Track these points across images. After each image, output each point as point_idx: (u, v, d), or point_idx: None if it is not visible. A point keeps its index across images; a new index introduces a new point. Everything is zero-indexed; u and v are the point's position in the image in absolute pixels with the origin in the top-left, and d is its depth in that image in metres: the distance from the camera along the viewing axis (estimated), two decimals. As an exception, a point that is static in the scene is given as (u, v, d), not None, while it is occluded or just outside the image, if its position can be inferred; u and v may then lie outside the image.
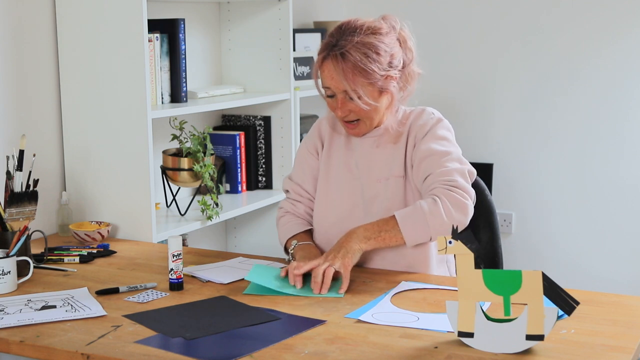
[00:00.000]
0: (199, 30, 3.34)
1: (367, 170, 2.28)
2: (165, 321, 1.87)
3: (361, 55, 2.13)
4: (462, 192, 2.13)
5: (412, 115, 2.28)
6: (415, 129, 2.24)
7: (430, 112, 2.27)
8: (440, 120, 2.25)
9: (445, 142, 2.21)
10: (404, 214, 2.12)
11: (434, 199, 2.11)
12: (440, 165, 2.17)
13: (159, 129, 2.93)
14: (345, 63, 2.13)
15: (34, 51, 2.69)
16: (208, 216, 2.94)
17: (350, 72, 2.13)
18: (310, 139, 2.39)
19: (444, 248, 1.70)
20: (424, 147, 2.20)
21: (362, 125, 2.24)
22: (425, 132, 2.22)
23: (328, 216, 2.30)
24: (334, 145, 2.34)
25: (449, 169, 2.15)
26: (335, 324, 1.84)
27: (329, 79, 2.18)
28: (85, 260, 2.39)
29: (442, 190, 2.12)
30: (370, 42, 2.15)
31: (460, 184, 2.14)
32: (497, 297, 1.66)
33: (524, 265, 3.89)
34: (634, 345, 1.71)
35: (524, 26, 3.94)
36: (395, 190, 2.24)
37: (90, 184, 2.77)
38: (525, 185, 4.03)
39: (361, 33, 2.15)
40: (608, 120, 3.83)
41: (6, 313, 1.93)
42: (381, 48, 2.16)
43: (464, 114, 4.08)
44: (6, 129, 2.60)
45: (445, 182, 2.13)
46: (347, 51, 2.13)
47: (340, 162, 2.32)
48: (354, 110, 2.19)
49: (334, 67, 2.15)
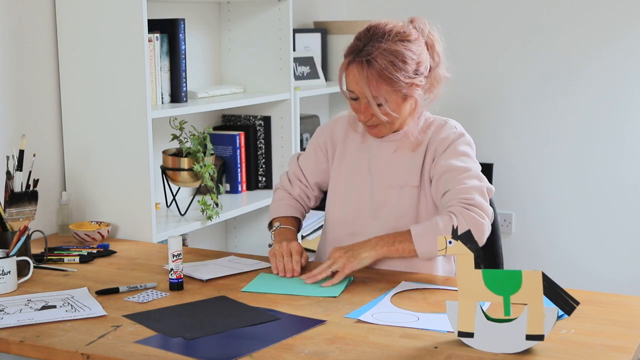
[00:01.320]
0: (199, 30, 3.34)
1: (381, 175, 2.27)
2: (165, 321, 1.87)
3: (387, 63, 2.11)
4: (479, 210, 2.12)
5: (434, 126, 2.26)
6: (436, 142, 2.23)
7: (453, 125, 2.26)
8: (462, 135, 2.24)
9: (465, 158, 2.20)
10: (419, 229, 2.12)
11: (450, 216, 2.11)
12: (459, 182, 2.16)
13: (159, 129, 2.93)
14: (370, 70, 2.12)
15: (34, 51, 2.69)
16: (208, 216, 2.94)
17: (375, 80, 2.12)
18: (322, 136, 2.40)
19: (444, 248, 1.70)
20: (444, 162, 2.19)
21: (382, 128, 2.24)
22: (446, 146, 2.21)
23: (336, 215, 2.32)
24: (349, 146, 2.34)
25: (467, 187, 2.14)
26: (335, 324, 1.84)
27: (354, 84, 2.17)
28: (85, 260, 2.39)
29: (459, 209, 2.12)
30: (397, 49, 2.13)
31: (477, 202, 2.13)
32: (497, 297, 1.66)
33: (524, 265, 3.89)
34: (634, 345, 1.71)
35: (524, 26, 3.94)
36: (408, 199, 2.23)
37: (90, 184, 2.77)
38: (525, 185, 4.03)
39: (389, 39, 2.14)
40: (608, 120, 3.84)
41: (6, 313, 1.93)
42: (408, 56, 2.14)
43: (464, 114, 4.08)
44: (6, 129, 2.60)
45: (463, 200, 2.13)
46: (373, 58, 2.11)
47: (354, 163, 2.32)
48: (376, 115, 2.18)
49: (358, 72, 2.13)
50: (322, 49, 3.86)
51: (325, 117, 4.13)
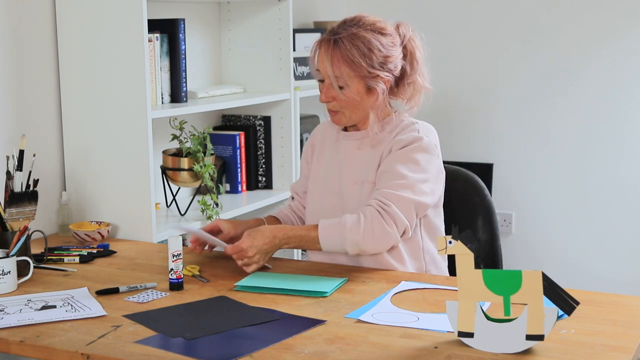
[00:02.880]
0: (199, 30, 3.34)
1: (348, 171, 2.31)
2: (165, 321, 1.87)
3: (351, 45, 2.18)
4: (390, 219, 2.13)
5: (401, 126, 2.27)
6: (395, 140, 2.23)
7: (417, 128, 2.24)
8: (419, 139, 2.21)
9: (412, 166, 2.18)
10: (327, 223, 2.18)
11: (360, 216, 2.15)
12: (390, 186, 2.17)
13: (159, 129, 2.93)
14: (335, 50, 2.19)
15: (34, 51, 2.69)
16: (208, 216, 2.94)
17: (337, 59, 2.19)
18: (306, 146, 2.49)
19: (444, 248, 1.70)
20: (389, 162, 2.21)
21: (341, 116, 2.28)
22: (399, 147, 2.21)
23: (314, 214, 2.35)
24: (326, 145, 2.39)
25: (392, 193, 2.15)
26: (335, 324, 1.84)
27: (320, 62, 2.24)
28: (85, 260, 2.39)
29: (372, 210, 2.14)
30: (365, 36, 2.19)
31: (392, 211, 2.13)
32: (497, 297, 1.66)
33: (524, 265, 3.89)
34: (634, 345, 1.71)
35: (524, 26, 3.94)
36: (368, 195, 2.25)
37: (90, 184, 2.77)
38: (525, 185, 4.03)
39: (361, 27, 2.21)
40: (608, 120, 3.84)
41: (6, 313, 1.93)
42: (375, 46, 2.19)
43: (464, 113, 4.08)
44: (6, 129, 2.60)
45: (380, 204, 2.14)
46: (340, 38, 2.19)
47: (328, 162, 2.36)
48: (336, 99, 2.23)
49: (325, 51, 2.22)
50: (322, 49, 3.86)
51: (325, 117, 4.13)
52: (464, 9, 4.04)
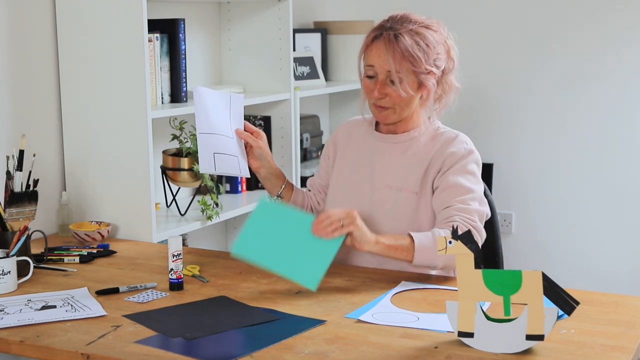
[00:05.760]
0: (199, 30, 3.34)
1: (381, 174, 2.28)
2: (165, 321, 1.87)
3: (413, 42, 2.18)
4: (477, 233, 2.14)
5: (444, 137, 2.27)
6: (445, 154, 2.23)
7: (463, 140, 2.26)
8: (471, 152, 2.25)
9: (471, 178, 2.22)
10: (421, 236, 2.12)
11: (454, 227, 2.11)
12: (462, 201, 2.17)
13: (159, 129, 2.93)
14: (397, 44, 2.17)
15: (34, 51, 2.69)
16: (208, 216, 2.94)
17: (400, 55, 2.17)
18: (327, 145, 2.47)
19: (444, 248, 1.70)
20: (452, 178, 2.20)
21: (391, 113, 2.25)
22: (454, 162, 2.21)
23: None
24: (351, 146, 2.37)
25: (470, 208, 2.16)
26: (335, 324, 1.84)
27: (376, 57, 2.20)
28: (85, 260, 2.39)
29: (462, 225, 2.13)
30: (423, 33, 2.20)
31: (477, 225, 2.16)
32: (497, 297, 1.66)
33: (524, 265, 3.89)
34: (634, 345, 1.71)
35: (524, 26, 3.94)
36: (406, 203, 2.23)
37: (90, 184, 2.77)
38: (525, 185, 4.03)
39: (415, 24, 2.21)
40: (607, 120, 3.83)
41: (6, 313, 1.93)
42: (431, 42, 2.20)
43: (464, 113, 4.07)
44: (6, 129, 2.60)
45: (466, 219, 2.14)
46: (400, 34, 2.18)
47: (354, 162, 2.34)
48: (390, 95, 2.21)
49: (384, 46, 2.18)
50: (322, 49, 3.86)
51: (325, 117, 4.13)
52: (464, 8, 4.04)
